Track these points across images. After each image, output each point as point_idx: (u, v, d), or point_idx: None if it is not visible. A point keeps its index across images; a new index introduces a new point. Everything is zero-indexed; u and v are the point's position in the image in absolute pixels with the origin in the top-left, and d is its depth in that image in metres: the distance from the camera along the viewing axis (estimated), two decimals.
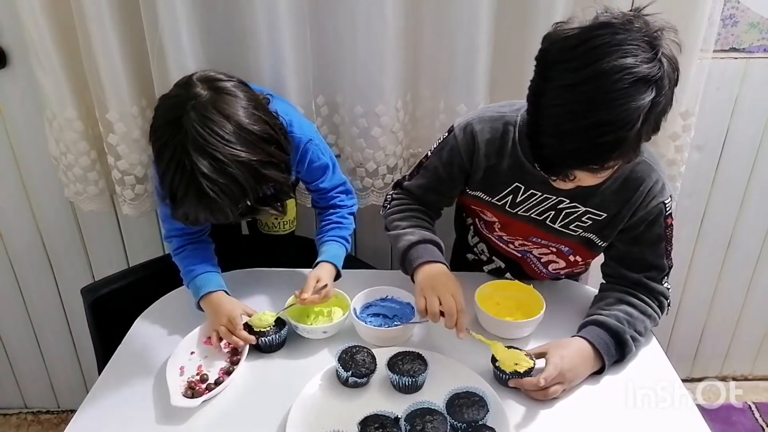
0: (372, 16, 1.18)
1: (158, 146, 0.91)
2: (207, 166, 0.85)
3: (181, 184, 0.88)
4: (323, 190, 1.14)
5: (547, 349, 0.93)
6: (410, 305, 1.04)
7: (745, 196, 1.59)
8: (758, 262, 1.69)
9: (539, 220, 1.03)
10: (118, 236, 1.55)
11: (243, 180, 0.88)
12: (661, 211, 0.98)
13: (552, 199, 1.00)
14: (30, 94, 1.31)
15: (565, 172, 0.82)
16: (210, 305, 1.03)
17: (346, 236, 1.14)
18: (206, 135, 0.86)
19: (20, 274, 1.61)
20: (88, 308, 1.19)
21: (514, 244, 1.12)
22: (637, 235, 0.99)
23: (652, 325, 1.00)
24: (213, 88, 0.91)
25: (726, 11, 1.34)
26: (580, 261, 1.09)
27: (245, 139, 0.89)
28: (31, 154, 1.43)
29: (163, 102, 0.94)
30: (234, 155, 0.87)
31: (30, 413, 1.83)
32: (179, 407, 0.87)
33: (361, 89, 1.28)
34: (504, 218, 1.07)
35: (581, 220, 1.01)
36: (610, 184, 0.96)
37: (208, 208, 0.89)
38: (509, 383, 0.90)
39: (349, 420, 0.83)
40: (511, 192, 1.02)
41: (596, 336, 0.94)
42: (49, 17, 1.16)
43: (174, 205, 0.91)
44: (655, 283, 1.01)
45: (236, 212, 0.91)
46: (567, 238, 1.04)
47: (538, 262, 1.13)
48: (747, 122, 1.47)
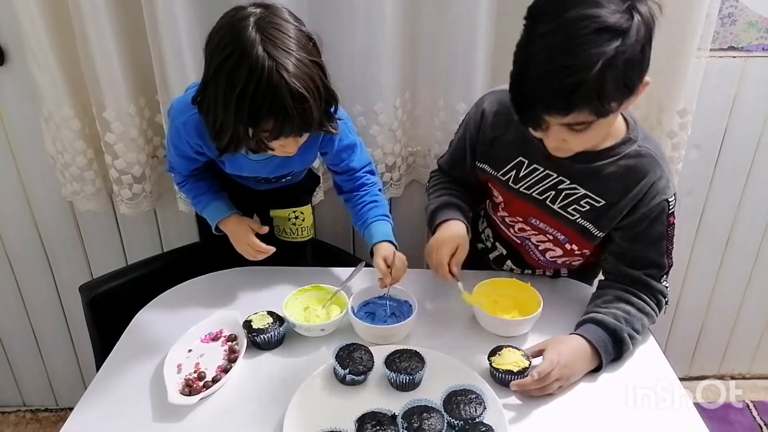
0: (371, 15, 1.19)
1: (230, 64, 0.85)
2: (290, 65, 0.83)
3: (266, 91, 0.84)
4: (353, 170, 1.13)
5: (545, 345, 0.94)
6: (408, 303, 1.04)
7: (744, 195, 1.59)
8: (756, 261, 1.70)
9: (539, 199, 1.04)
10: (116, 235, 1.55)
11: (317, 80, 0.87)
12: (664, 208, 0.98)
13: (553, 176, 1.01)
14: (27, 92, 1.31)
15: (536, 118, 0.85)
16: (226, 229, 1.13)
17: (386, 213, 1.14)
18: (280, 36, 0.85)
19: (18, 272, 1.61)
20: (86, 306, 1.19)
21: (515, 228, 1.13)
22: (639, 232, 0.99)
23: (649, 323, 1.01)
24: (263, 6, 0.90)
25: (724, 10, 1.34)
26: (576, 250, 1.08)
27: (306, 43, 0.89)
28: (29, 153, 1.42)
29: (218, 29, 0.89)
30: (305, 55, 0.87)
31: (28, 411, 1.83)
32: (176, 405, 0.87)
33: (360, 87, 1.28)
34: (507, 195, 1.09)
35: (579, 204, 1.01)
36: (612, 170, 0.97)
37: (296, 109, 0.85)
38: (511, 386, 0.89)
39: (347, 417, 0.83)
40: (515, 166, 1.04)
41: (594, 334, 0.94)
42: (46, 15, 1.16)
43: (255, 121, 0.87)
44: (655, 281, 1.01)
45: (317, 117, 0.89)
46: (564, 223, 1.04)
47: (536, 250, 1.13)
48: (745, 121, 1.48)
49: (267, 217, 1.28)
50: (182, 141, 1.04)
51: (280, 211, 1.25)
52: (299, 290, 1.07)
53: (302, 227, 1.26)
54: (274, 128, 0.88)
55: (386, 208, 1.15)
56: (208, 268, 1.19)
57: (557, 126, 0.85)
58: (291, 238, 1.27)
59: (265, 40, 0.84)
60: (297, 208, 1.24)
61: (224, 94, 0.87)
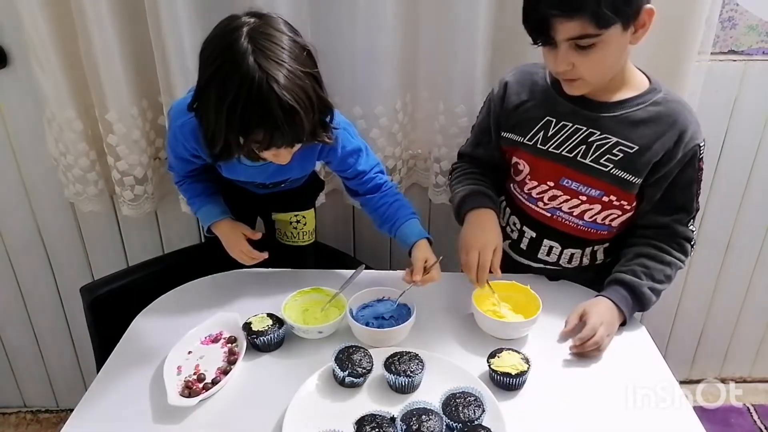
0: (371, 18, 1.19)
1: (223, 74, 0.85)
2: (280, 76, 0.83)
3: (256, 102, 0.83)
4: (362, 173, 1.12)
5: (583, 309, 1.02)
6: (406, 306, 1.04)
7: (744, 198, 1.59)
8: (757, 264, 1.69)
9: (570, 157, 1.05)
10: (117, 236, 1.55)
11: (310, 92, 0.87)
12: (696, 152, 1.02)
13: (583, 130, 1.04)
14: (30, 94, 1.31)
15: (544, 25, 0.91)
16: (219, 233, 1.14)
17: (412, 210, 1.13)
18: (271, 47, 0.84)
19: (20, 273, 1.62)
20: (87, 308, 1.20)
21: (543, 201, 1.12)
22: (673, 177, 1.03)
23: (674, 270, 1.07)
24: (257, 15, 0.90)
25: (725, 13, 1.35)
26: (614, 201, 1.07)
27: (300, 54, 0.88)
28: (31, 155, 1.43)
29: (211, 38, 0.90)
30: (298, 66, 0.86)
31: (29, 412, 1.83)
32: (176, 406, 0.87)
33: (361, 90, 1.28)
34: (535, 160, 1.09)
35: (612, 153, 1.02)
36: (642, 116, 1.01)
37: (286, 122, 0.84)
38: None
39: (345, 419, 0.83)
40: (543, 127, 1.07)
41: (615, 293, 1.04)
42: (49, 17, 1.17)
43: (245, 133, 0.87)
44: (681, 226, 1.07)
45: (308, 128, 0.88)
46: (597, 176, 1.04)
47: (570, 217, 1.11)
48: (746, 124, 1.48)
49: (269, 220, 1.28)
50: (179, 144, 1.04)
51: (282, 215, 1.25)
52: (299, 292, 1.07)
53: (304, 231, 1.26)
54: (264, 139, 0.88)
55: (409, 204, 1.14)
56: (208, 270, 1.20)
57: (565, 44, 0.91)
58: (292, 242, 1.27)
59: (256, 51, 0.84)
60: (299, 212, 1.24)
61: (215, 103, 0.87)
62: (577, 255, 1.16)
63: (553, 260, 1.17)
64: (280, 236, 1.28)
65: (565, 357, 0.99)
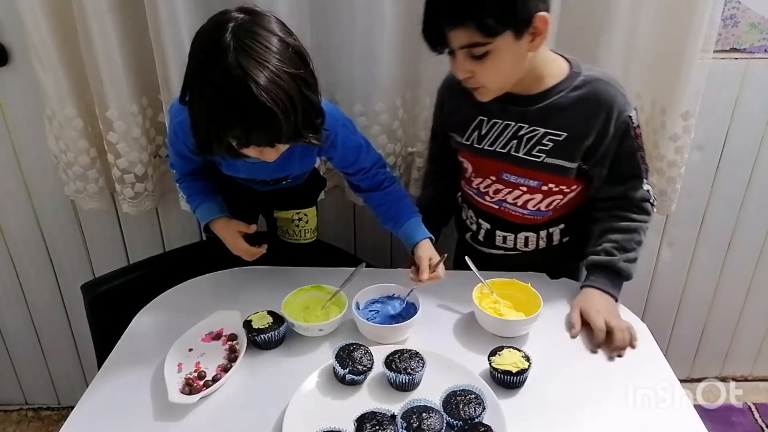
0: (371, 15, 1.19)
1: (204, 70, 0.86)
2: (261, 77, 0.82)
3: (233, 101, 0.83)
4: (364, 169, 1.13)
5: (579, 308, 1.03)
6: (413, 305, 1.04)
7: (746, 197, 1.59)
8: (758, 263, 1.69)
9: (504, 153, 1.09)
10: (118, 234, 1.55)
11: (293, 93, 0.86)
12: (629, 124, 1.04)
13: (512, 125, 1.07)
14: (31, 91, 1.31)
15: (436, 34, 0.95)
16: (217, 231, 1.13)
17: (415, 208, 1.14)
18: (255, 46, 0.84)
19: (21, 271, 1.62)
20: (88, 305, 1.20)
21: (489, 194, 1.17)
22: (614, 154, 1.06)
23: (642, 233, 1.10)
24: (248, 12, 0.89)
25: (727, 12, 1.34)
26: (554, 188, 1.11)
27: (288, 54, 0.87)
28: (32, 152, 1.43)
29: (200, 31, 0.91)
30: (282, 67, 0.85)
31: (30, 409, 1.84)
32: (177, 404, 0.87)
33: (361, 87, 1.28)
34: (474, 159, 1.15)
35: (542, 144, 1.06)
36: (566, 102, 1.03)
37: (262, 123, 0.84)
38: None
39: (346, 417, 0.83)
40: (476, 126, 1.11)
41: (597, 280, 1.07)
42: (50, 15, 1.17)
43: (222, 129, 0.88)
44: (636, 191, 1.09)
45: (289, 129, 0.88)
46: (533, 168, 1.08)
47: (516, 207, 1.15)
48: (747, 123, 1.47)
49: (271, 218, 1.28)
50: (179, 140, 1.04)
51: (284, 213, 1.25)
52: (299, 290, 1.07)
53: (305, 229, 1.26)
54: (242, 137, 0.88)
55: (411, 201, 1.15)
56: (209, 267, 1.20)
57: (460, 53, 0.95)
58: (294, 239, 1.27)
59: (239, 49, 0.83)
60: (301, 210, 1.24)
61: (198, 96, 0.88)
62: (532, 238, 1.19)
63: (510, 246, 1.21)
64: (281, 234, 1.28)
65: (566, 355, 0.99)
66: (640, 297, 1.74)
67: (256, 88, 0.82)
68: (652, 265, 1.69)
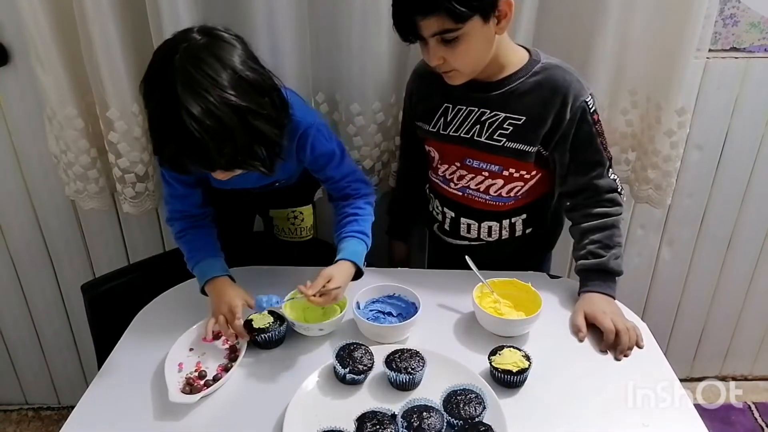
0: (367, 14, 1.19)
1: (148, 87, 0.88)
2: (194, 107, 0.82)
3: (166, 125, 0.85)
4: (332, 178, 1.11)
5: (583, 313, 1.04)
6: (414, 305, 1.04)
7: (746, 196, 1.59)
8: (758, 262, 1.69)
9: (468, 138, 1.12)
10: (118, 234, 1.55)
11: (231, 124, 0.85)
12: (585, 109, 1.06)
13: (475, 110, 1.11)
14: (31, 91, 1.31)
15: (409, 24, 0.96)
16: (213, 291, 1.04)
17: (363, 230, 1.09)
18: (196, 75, 0.84)
19: (21, 271, 1.62)
20: (88, 305, 1.20)
21: (454, 181, 1.19)
22: (571, 140, 1.08)
23: (620, 224, 1.11)
24: (209, 35, 0.89)
25: (726, 11, 1.34)
26: (514, 173, 1.13)
27: (236, 84, 0.86)
28: (32, 152, 1.43)
29: (160, 45, 0.93)
30: (224, 98, 0.84)
31: (31, 409, 1.84)
32: (177, 403, 0.87)
33: (357, 86, 1.28)
34: (440, 146, 1.17)
35: (503, 128, 1.09)
36: (524, 88, 1.06)
37: (192, 151, 0.85)
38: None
39: (347, 417, 0.83)
40: (442, 113, 1.14)
41: (594, 285, 1.08)
42: (50, 14, 1.17)
43: (160, 148, 0.89)
44: (602, 179, 1.11)
45: (221, 159, 0.88)
46: (494, 152, 1.11)
47: (478, 193, 1.18)
48: (747, 122, 1.47)
49: (267, 216, 1.28)
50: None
51: (279, 211, 1.25)
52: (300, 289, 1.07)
53: (302, 227, 1.26)
54: (176, 161, 0.89)
55: (367, 224, 1.10)
56: None
57: (432, 40, 0.97)
58: (290, 237, 1.27)
59: (182, 74, 0.84)
60: (296, 208, 1.24)
61: (145, 106, 0.91)
62: (495, 228, 1.21)
63: (474, 236, 1.23)
64: (278, 232, 1.28)
65: (566, 354, 1.00)
66: (640, 296, 1.74)
67: (188, 119, 0.82)
68: (652, 265, 1.69)
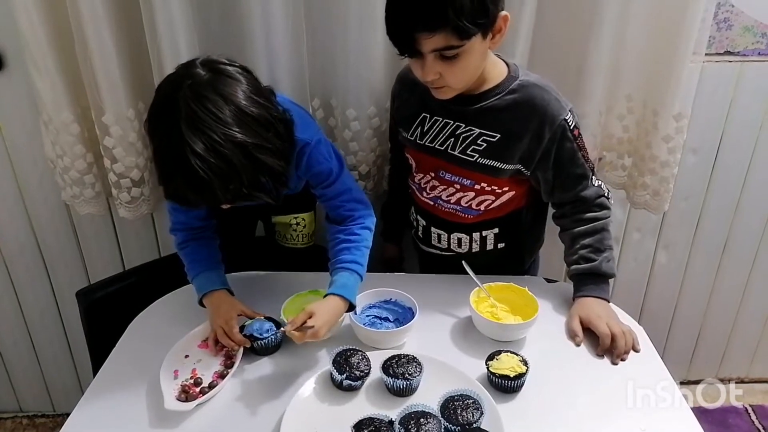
0: (363, 19, 1.19)
1: (152, 123, 0.89)
2: (198, 145, 0.82)
3: (171, 162, 0.85)
4: (325, 196, 1.10)
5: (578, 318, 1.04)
6: (411, 310, 1.04)
7: (741, 199, 1.59)
8: (754, 265, 1.70)
9: (442, 150, 1.11)
10: (114, 239, 1.54)
11: (236, 161, 0.85)
12: (565, 127, 1.05)
13: (450, 123, 1.10)
14: (27, 97, 1.31)
15: (409, 40, 0.93)
16: (211, 304, 1.04)
17: (356, 259, 1.03)
18: (200, 113, 0.84)
19: (15, 276, 1.61)
20: (83, 312, 1.19)
21: (426, 190, 1.18)
22: (554, 158, 1.07)
23: (609, 227, 1.12)
24: (213, 70, 0.89)
25: (720, 15, 1.35)
26: (486, 187, 1.12)
27: (241, 120, 0.86)
28: (28, 157, 1.42)
29: (163, 81, 0.93)
30: (228, 135, 0.84)
31: (25, 417, 1.82)
32: (173, 411, 0.87)
33: (354, 92, 1.28)
34: (417, 154, 1.17)
35: (477, 144, 1.08)
36: (501, 105, 1.05)
37: (197, 188, 0.85)
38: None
39: (343, 423, 0.83)
40: (420, 123, 1.14)
41: (588, 289, 1.08)
42: (45, 20, 1.16)
43: (164, 183, 0.89)
44: (588, 190, 1.11)
45: (227, 195, 0.88)
46: (467, 167, 1.10)
47: (449, 204, 1.17)
48: (742, 125, 1.48)
49: (269, 222, 1.28)
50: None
51: (281, 217, 1.24)
52: (297, 295, 1.07)
53: (303, 234, 1.25)
54: (180, 195, 0.89)
55: (360, 251, 1.05)
56: None
57: (430, 55, 0.94)
58: (291, 244, 1.26)
59: (186, 112, 0.83)
60: (299, 215, 1.23)
61: (150, 139, 0.90)
62: (465, 240, 1.20)
63: (445, 246, 1.22)
64: (279, 238, 1.28)
65: (564, 359, 0.99)
66: (637, 299, 1.74)
67: (192, 157, 0.82)
68: (648, 268, 1.70)
